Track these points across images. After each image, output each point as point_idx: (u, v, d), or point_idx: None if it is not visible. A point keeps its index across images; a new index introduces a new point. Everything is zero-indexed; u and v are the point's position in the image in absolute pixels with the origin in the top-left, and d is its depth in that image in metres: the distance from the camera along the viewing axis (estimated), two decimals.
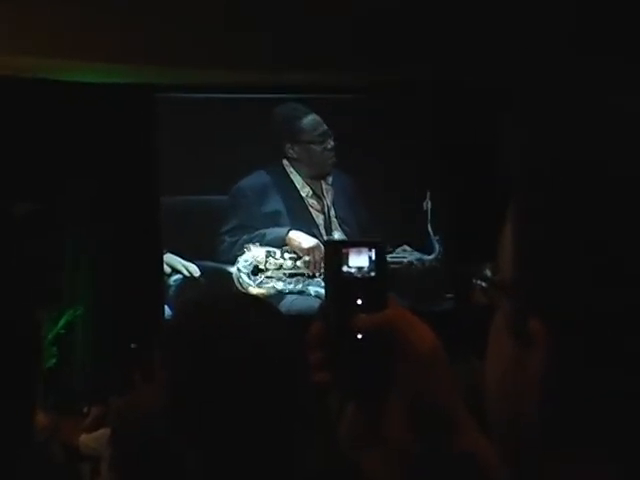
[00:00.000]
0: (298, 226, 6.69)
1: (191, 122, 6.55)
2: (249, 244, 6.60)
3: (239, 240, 6.60)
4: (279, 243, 6.63)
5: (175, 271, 6.52)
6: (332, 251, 0.89)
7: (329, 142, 6.73)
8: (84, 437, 4.30)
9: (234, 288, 6.37)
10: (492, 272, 0.66)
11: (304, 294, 6.59)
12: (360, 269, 0.88)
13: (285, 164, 6.75)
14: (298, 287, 6.61)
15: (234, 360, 1.25)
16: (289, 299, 6.55)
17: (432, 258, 6.83)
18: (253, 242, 6.61)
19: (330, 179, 6.80)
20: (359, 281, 0.87)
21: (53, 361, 6.03)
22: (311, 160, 6.74)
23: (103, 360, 6.14)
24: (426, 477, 0.85)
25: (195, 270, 6.52)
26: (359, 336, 0.86)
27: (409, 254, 6.72)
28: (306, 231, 6.68)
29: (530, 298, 0.60)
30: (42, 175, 6.20)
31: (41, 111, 6.14)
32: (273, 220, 6.68)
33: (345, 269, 0.88)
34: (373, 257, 0.88)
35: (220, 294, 1.57)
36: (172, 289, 6.51)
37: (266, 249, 6.61)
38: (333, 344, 0.86)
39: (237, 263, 6.56)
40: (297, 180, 6.76)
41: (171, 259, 6.51)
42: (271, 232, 6.65)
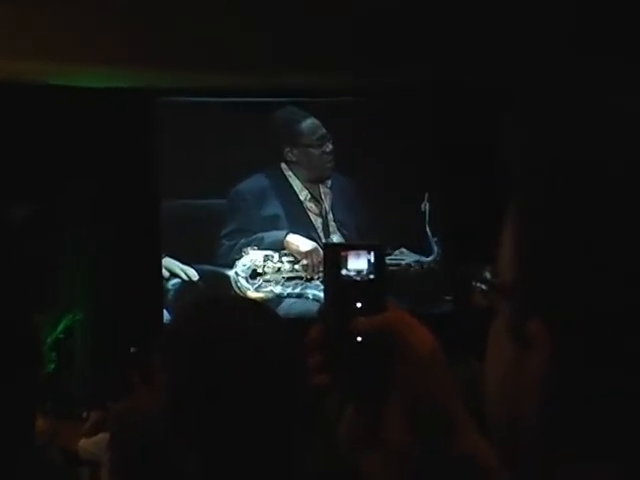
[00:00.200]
0: (296, 230, 6.69)
1: (191, 126, 6.55)
2: (247, 248, 6.60)
3: (237, 244, 6.60)
4: (277, 247, 6.63)
5: (174, 275, 6.52)
6: (331, 254, 0.89)
7: (327, 145, 6.74)
8: (83, 442, 4.29)
9: (232, 292, 6.37)
10: (491, 274, 0.66)
11: (302, 297, 6.58)
12: (359, 272, 0.88)
13: (284, 168, 6.75)
14: (296, 291, 6.60)
15: (233, 363, 1.25)
16: (287, 302, 6.55)
17: (431, 260, 6.83)
18: (251, 246, 6.60)
19: (329, 182, 6.80)
20: (358, 284, 0.87)
21: (52, 366, 6.02)
22: (310, 163, 6.75)
23: (102, 365, 6.13)
24: (425, 479, 0.85)
25: (193, 274, 6.52)
26: (358, 339, 0.86)
27: (407, 256, 6.72)
28: (304, 234, 6.68)
29: (530, 300, 0.60)
30: (43, 178, 6.20)
31: (42, 115, 6.15)
32: (272, 224, 6.68)
33: (344, 272, 0.88)
34: (372, 260, 0.88)
35: (218, 297, 1.57)
36: (171, 293, 6.51)
37: (264, 253, 6.61)
38: (332, 347, 0.86)
39: (235, 267, 6.56)
40: (296, 184, 6.76)
41: (170, 263, 6.51)
42: (269, 236, 6.64)
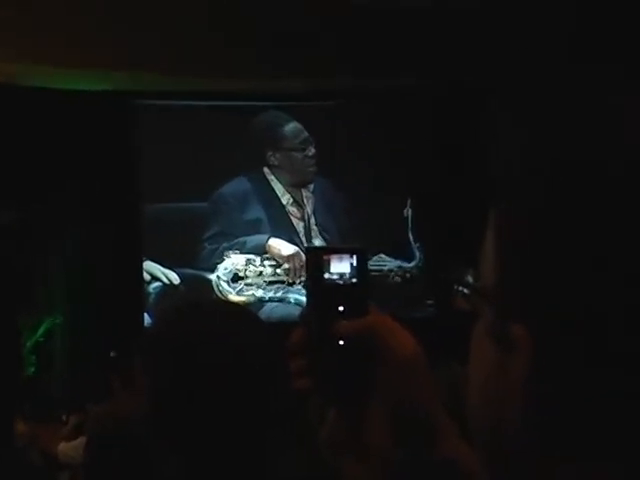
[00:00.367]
0: (278, 234, 6.68)
1: (172, 129, 6.53)
2: (229, 251, 6.58)
3: (219, 247, 6.58)
4: (259, 250, 6.62)
5: (155, 279, 6.49)
6: (313, 258, 0.89)
7: (310, 149, 6.73)
8: (62, 445, 4.27)
9: (214, 296, 6.35)
10: (474, 278, 0.66)
11: (284, 301, 6.58)
12: (341, 275, 0.88)
13: (266, 172, 6.74)
14: (278, 294, 6.60)
15: (213, 366, 1.24)
16: (269, 306, 6.54)
17: (412, 266, 6.84)
18: (233, 249, 6.59)
19: (311, 187, 6.80)
20: (340, 288, 0.87)
21: (32, 369, 5.99)
22: (292, 167, 6.74)
23: (82, 368, 6.10)
24: None
25: (175, 278, 6.50)
26: (340, 342, 0.86)
27: (388, 262, 6.73)
28: (286, 239, 6.67)
29: (512, 303, 0.60)
30: (22, 182, 6.16)
31: (20, 119, 6.10)
32: (254, 227, 6.67)
33: (326, 276, 0.87)
34: (354, 263, 0.88)
35: (200, 301, 1.57)
36: (152, 297, 6.49)
37: (246, 256, 6.59)
38: (314, 350, 0.86)
39: (217, 270, 6.55)
40: (278, 188, 6.75)
41: (151, 267, 6.49)
42: (251, 240, 6.63)
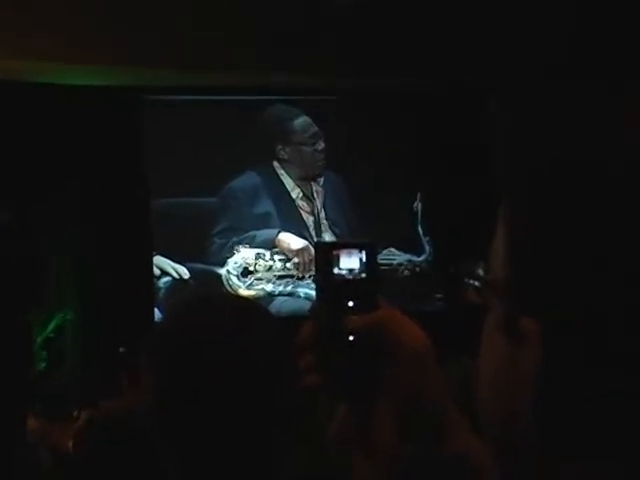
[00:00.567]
0: (288, 228, 6.68)
1: (180, 124, 6.52)
2: (239, 246, 6.58)
3: (229, 242, 6.59)
4: (269, 245, 6.62)
5: (165, 273, 6.50)
6: (323, 253, 0.88)
7: (320, 143, 6.73)
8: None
9: (223, 290, 6.36)
10: (484, 272, 0.65)
11: (294, 296, 6.58)
12: (351, 271, 0.87)
13: (276, 166, 6.74)
14: (288, 289, 6.60)
15: (219, 365, 1.24)
16: (279, 301, 6.54)
17: (422, 260, 6.83)
18: (243, 244, 6.59)
19: (321, 180, 6.79)
20: (350, 282, 0.87)
21: (43, 365, 6.00)
22: (302, 161, 6.74)
23: (93, 364, 6.11)
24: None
25: (184, 272, 6.50)
26: (350, 338, 0.85)
27: (398, 256, 6.72)
28: (296, 233, 6.67)
29: (523, 297, 0.59)
30: (30, 178, 6.17)
31: (28, 114, 6.11)
32: (263, 222, 6.67)
33: (336, 271, 0.87)
34: (364, 258, 0.87)
35: (209, 296, 1.56)
36: (162, 291, 6.49)
37: (256, 251, 6.59)
38: (324, 346, 0.85)
39: (227, 265, 6.55)
40: (287, 182, 6.75)
41: (160, 261, 6.49)
42: (261, 234, 6.63)
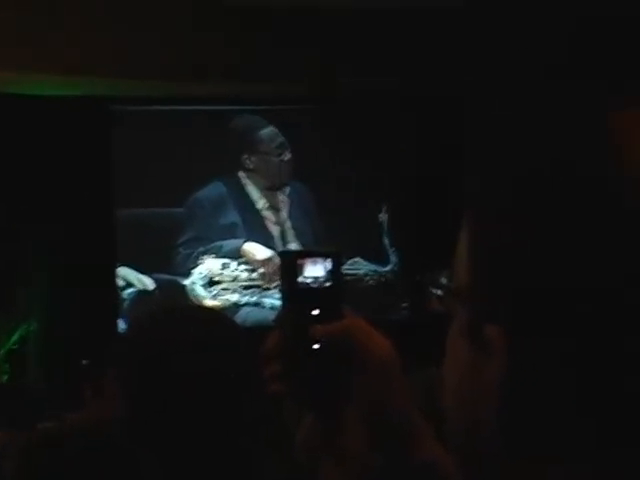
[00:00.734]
0: (254, 238, 6.67)
1: (146, 134, 6.49)
2: (204, 256, 6.56)
3: (194, 252, 6.56)
4: (235, 255, 6.60)
5: (129, 284, 6.46)
6: (287, 261, 0.88)
7: (286, 154, 6.72)
8: None
9: (189, 300, 6.33)
10: (448, 280, 0.66)
11: (259, 306, 6.56)
12: (316, 279, 0.87)
13: (241, 175, 6.73)
14: (253, 299, 6.58)
15: (188, 374, 1.24)
16: (244, 311, 6.52)
17: (388, 270, 6.84)
18: (209, 254, 6.57)
19: (287, 190, 6.79)
20: (315, 291, 0.87)
21: (5, 377, 5.93)
22: (268, 171, 6.73)
23: (57, 375, 6.05)
24: None
25: (149, 283, 6.46)
26: (315, 346, 0.85)
27: (363, 266, 6.73)
28: (262, 243, 6.66)
29: (486, 304, 0.60)
30: None
31: None
32: (229, 232, 6.65)
33: (301, 279, 0.87)
34: (329, 267, 0.87)
35: (174, 307, 1.55)
36: (126, 302, 6.45)
37: (222, 261, 6.57)
38: (289, 354, 0.85)
39: (192, 275, 6.52)
40: (253, 192, 6.74)
41: (125, 272, 6.45)
42: (227, 244, 6.61)
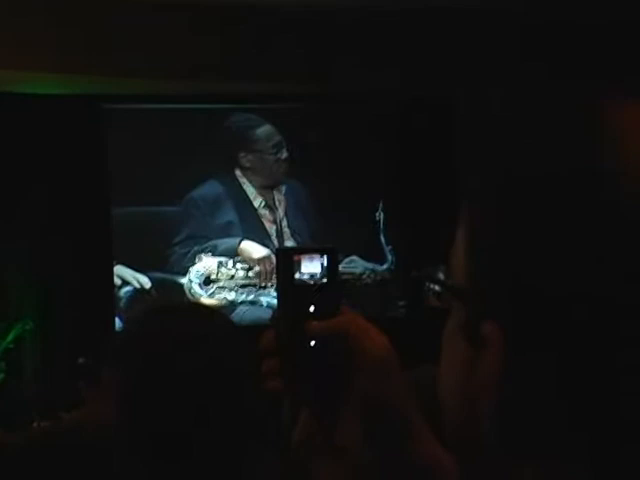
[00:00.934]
0: (251, 236, 6.67)
1: (142, 133, 6.49)
2: (201, 254, 6.56)
3: (191, 251, 6.56)
4: (231, 253, 6.60)
5: (125, 283, 6.45)
6: (284, 258, 0.88)
7: (283, 153, 6.72)
8: None
9: (185, 299, 6.33)
10: (445, 276, 0.66)
11: (256, 305, 6.56)
12: (312, 276, 0.87)
13: (238, 174, 6.72)
14: (250, 297, 6.58)
15: (187, 372, 1.23)
16: (241, 309, 6.52)
17: (385, 268, 6.85)
18: (205, 252, 6.57)
19: (283, 189, 6.79)
20: (311, 288, 0.87)
21: (1, 376, 5.92)
22: (264, 170, 6.73)
23: (53, 374, 6.05)
24: None
25: (146, 282, 6.46)
26: (312, 343, 0.85)
27: (360, 265, 6.73)
28: (258, 241, 6.66)
29: (483, 301, 0.59)
30: None
31: None
32: (225, 231, 6.65)
33: (297, 276, 0.87)
34: (325, 264, 0.87)
35: (171, 304, 1.55)
36: (123, 301, 6.44)
37: (218, 259, 6.57)
38: (286, 351, 0.85)
39: (189, 274, 6.52)
40: (250, 190, 6.74)
41: (121, 271, 6.45)
42: (223, 242, 6.61)
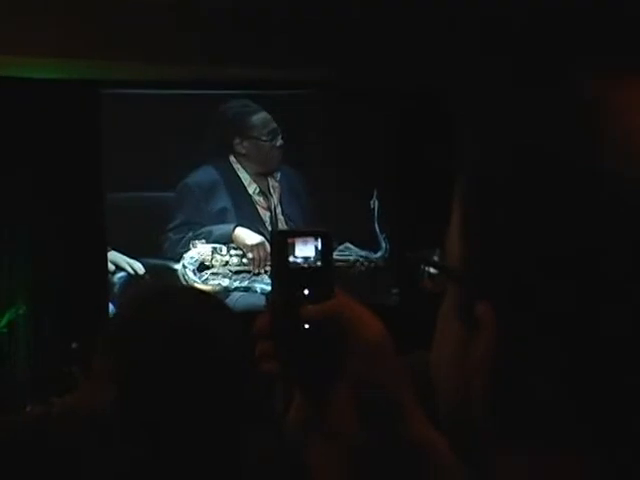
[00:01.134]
0: (245, 223, 6.67)
1: (136, 118, 6.47)
2: (195, 240, 6.55)
3: (185, 237, 6.55)
4: (225, 240, 6.60)
5: (119, 269, 6.45)
6: (279, 240, 0.88)
7: (278, 140, 6.71)
8: None
9: (179, 284, 6.32)
10: (440, 258, 0.66)
11: (250, 291, 6.57)
12: (307, 259, 0.87)
13: (232, 160, 6.71)
14: (244, 284, 6.58)
15: (179, 354, 1.24)
16: (235, 296, 6.52)
17: (379, 256, 6.85)
18: (199, 239, 6.56)
19: (278, 176, 6.78)
20: (306, 271, 0.87)
21: None
22: (259, 157, 6.72)
23: (46, 359, 6.05)
24: (373, 467, 0.85)
25: (140, 267, 6.45)
26: (306, 326, 0.85)
27: (354, 252, 6.73)
28: (253, 228, 6.66)
29: (478, 282, 0.59)
30: None
31: None
32: (220, 217, 6.64)
33: (292, 259, 0.87)
34: (319, 247, 0.87)
35: (166, 288, 1.55)
36: (116, 287, 6.44)
37: (212, 246, 6.57)
38: (280, 334, 0.85)
39: (183, 260, 6.52)
40: (244, 177, 6.73)
41: (115, 256, 6.44)
42: (217, 229, 6.61)
